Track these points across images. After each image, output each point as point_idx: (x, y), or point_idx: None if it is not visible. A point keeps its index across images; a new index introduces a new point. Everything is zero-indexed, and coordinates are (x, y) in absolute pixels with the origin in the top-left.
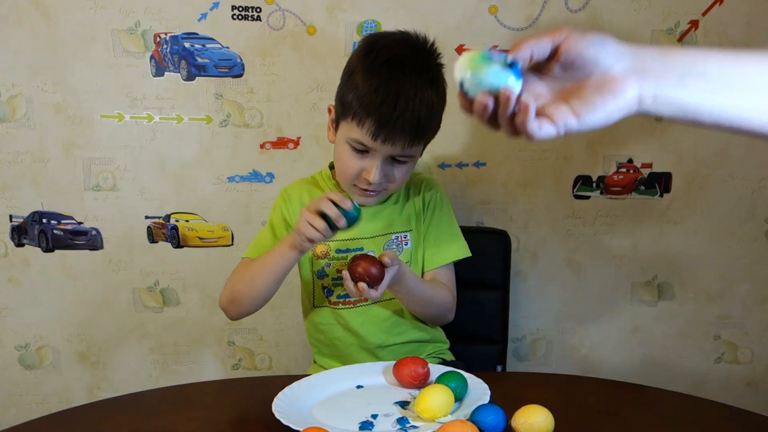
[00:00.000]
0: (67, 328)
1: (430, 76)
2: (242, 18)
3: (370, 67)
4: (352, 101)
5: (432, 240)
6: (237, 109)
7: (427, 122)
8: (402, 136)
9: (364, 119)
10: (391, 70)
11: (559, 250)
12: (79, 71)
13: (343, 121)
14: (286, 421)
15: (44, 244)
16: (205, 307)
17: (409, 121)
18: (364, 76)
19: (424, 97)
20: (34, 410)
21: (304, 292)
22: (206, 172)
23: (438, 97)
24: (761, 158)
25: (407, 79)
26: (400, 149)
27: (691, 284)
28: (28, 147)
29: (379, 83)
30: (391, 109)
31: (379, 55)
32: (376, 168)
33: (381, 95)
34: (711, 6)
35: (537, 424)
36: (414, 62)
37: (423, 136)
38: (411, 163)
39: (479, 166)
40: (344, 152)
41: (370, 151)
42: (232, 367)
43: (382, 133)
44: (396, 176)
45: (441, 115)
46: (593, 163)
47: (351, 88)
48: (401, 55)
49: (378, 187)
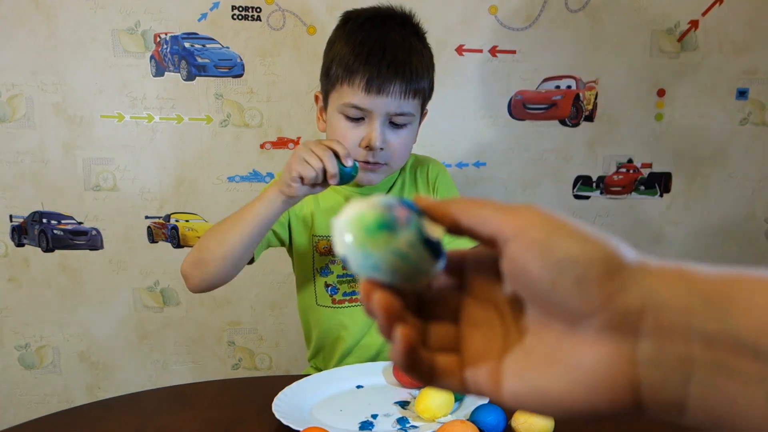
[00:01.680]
0: (67, 328)
1: (415, 30)
2: (242, 18)
3: (350, 30)
4: (339, 62)
5: None
6: (237, 109)
7: (419, 71)
8: (397, 83)
9: (353, 76)
10: (373, 25)
11: None
12: (79, 71)
13: (332, 92)
14: (286, 421)
15: (44, 244)
16: (205, 307)
17: (401, 66)
18: (346, 39)
19: (411, 46)
20: (34, 410)
21: (303, 291)
22: (206, 172)
23: (426, 50)
24: (761, 158)
25: (392, 30)
26: (397, 102)
27: None
28: (28, 147)
29: (363, 38)
30: (379, 56)
31: (358, 18)
32: (375, 130)
33: (367, 47)
34: (711, 6)
35: (537, 424)
36: (395, 17)
37: (418, 86)
38: (410, 128)
39: (479, 166)
40: (339, 124)
41: (365, 116)
42: (232, 367)
43: (375, 84)
44: (396, 144)
45: (431, 74)
46: (593, 163)
47: (334, 58)
48: (381, 12)
49: (381, 158)
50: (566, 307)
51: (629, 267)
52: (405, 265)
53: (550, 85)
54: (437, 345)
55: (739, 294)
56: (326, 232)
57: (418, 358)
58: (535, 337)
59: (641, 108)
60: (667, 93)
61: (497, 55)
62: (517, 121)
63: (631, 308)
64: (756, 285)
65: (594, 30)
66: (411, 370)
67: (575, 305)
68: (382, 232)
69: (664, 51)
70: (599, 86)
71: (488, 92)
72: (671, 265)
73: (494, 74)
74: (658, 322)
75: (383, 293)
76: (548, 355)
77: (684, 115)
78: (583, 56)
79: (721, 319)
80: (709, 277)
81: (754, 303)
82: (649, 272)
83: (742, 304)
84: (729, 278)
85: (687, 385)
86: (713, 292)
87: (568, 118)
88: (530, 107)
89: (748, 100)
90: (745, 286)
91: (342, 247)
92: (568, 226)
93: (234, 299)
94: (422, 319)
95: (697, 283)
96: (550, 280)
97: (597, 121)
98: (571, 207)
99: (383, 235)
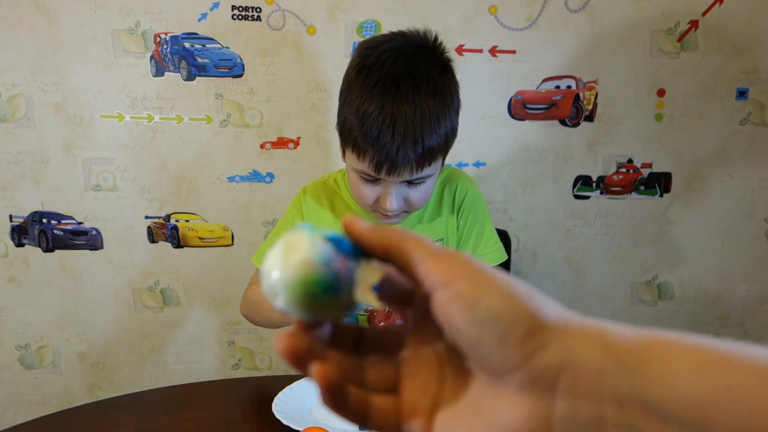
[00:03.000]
0: (67, 328)
1: (432, 87)
2: (242, 18)
3: (362, 88)
4: (350, 130)
5: (466, 246)
6: (237, 109)
7: (434, 138)
8: (407, 164)
9: (364, 152)
10: (385, 91)
11: (558, 250)
12: (79, 71)
13: (347, 149)
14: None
15: (44, 244)
16: (205, 307)
17: (411, 147)
18: (358, 99)
19: (425, 114)
20: (34, 410)
21: None
22: (206, 172)
23: (444, 106)
24: (761, 158)
25: (403, 98)
26: (408, 176)
27: (691, 284)
28: (28, 147)
29: (374, 109)
30: (389, 138)
31: (372, 73)
32: (390, 196)
33: (377, 123)
34: (711, 6)
35: None
36: (409, 76)
37: (432, 155)
38: (430, 181)
39: (479, 166)
40: (356, 181)
41: (380, 179)
42: (232, 367)
43: (385, 165)
44: (415, 198)
45: (454, 120)
46: (593, 163)
47: (347, 112)
48: (394, 71)
49: (399, 211)
50: (489, 362)
51: (551, 326)
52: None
53: (550, 85)
54: (375, 384)
55: (652, 358)
56: None
57: (345, 397)
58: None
59: (641, 108)
60: (667, 93)
61: (497, 55)
62: (517, 121)
63: (550, 367)
64: (669, 349)
65: (594, 30)
66: (339, 410)
67: (497, 361)
68: (327, 295)
69: (664, 51)
70: (599, 86)
71: (488, 92)
72: (591, 325)
73: (494, 74)
74: (574, 382)
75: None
76: (474, 409)
77: (684, 115)
78: (583, 56)
79: (633, 383)
80: (626, 338)
81: (666, 369)
82: (569, 332)
83: (655, 368)
84: (644, 341)
85: None
86: (628, 354)
87: (568, 118)
88: (530, 107)
89: (748, 100)
90: (658, 350)
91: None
92: (496, 282)
93: (234, 299)
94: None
95: (613, 344)
96: (474, 334)
97: (597, 121)
98: (571, 207)
99: (328, 298)
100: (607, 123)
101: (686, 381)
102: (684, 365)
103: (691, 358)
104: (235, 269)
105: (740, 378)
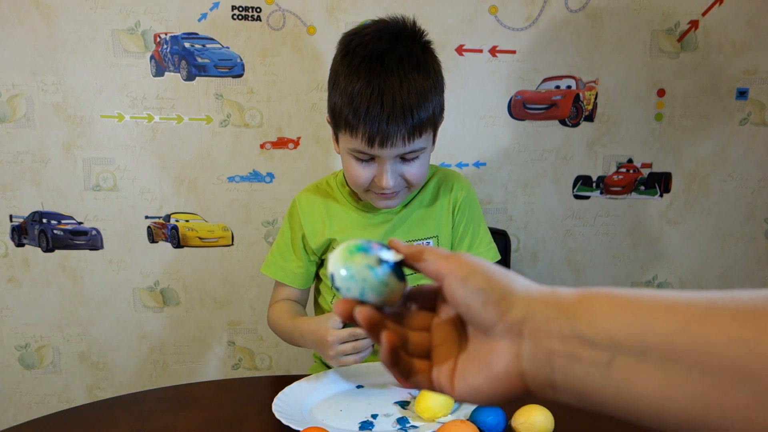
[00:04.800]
0: (67, 328)
1: (414, 61)
2: (242, 18)
3: (348, 69)
4: (340, 111)
5: (461, 245)
6: (237, 109)
7: (422, 110)
8: (398, 134)
9: (356, 128)
10: (371, 68)
11: (559, 250)
12: (79, 71)
13: (339, 132)
14: (286, 421)
15: (44, 244)
16: (205, 307)
17: (401, 116)
18: (346, 80)
19: (411, 85)
20: (34, 410)
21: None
22: (206, 172)
23: (429, 80)
24: (761, 158)
25: (389, 73)
26: (402, 147)
27: (691, 284)
28: (28, 147)
29: (361, 86)
30: (379, 110)
31: (356, 55)
32: (386, 173)
33: (365, 98)
34: (711, 6)
35: (537, 424)
36: (393, 52)
37: (422, 126)
38: (424, 156)
39: (479, 166)
40: (350, 163)
41: (374, 157)
42: (232, 367)
43: (377, 138)
44: (411, 174)
45: (440, 97)
46: (593, 163)
47: (336, 96)
48: (378, 49)
49: (397, 187)
50: (478, 322)
51: (517, 293)
52: (375, 279)
53: (550, 85)
54: (415, 352)
55: (584, 307)
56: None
57: (400, 359)
58: (469, 344)
59: (641, 108)
60: (667, 93)
61: (497, 55)
62: (517, 121)
63: (517, 320)
64: (595, 299)
65: (594, 30)
66: (394, 367)
67: (483, 319)
68: (359, 252)
69: (664, 51)
70: (599, 86)
71: (488, 92)
72: (546, 290)
73: (494, 74)
74: (533, 329)
75: (363, 307)
76: (476, 356)
77: (684, 115)
78: (583, 56)
79: (572, 324)
80: (568, 295)
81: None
82: (530, 296)
83: (585, 313)
84: (580, 295)
85: (553, 371)
86: (568, 306)
87: (568, 118)
88: (530, 107)
89: (748, 100)
90: (588, 300)
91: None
92: (480, 267)
93: (234, 299)
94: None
95: (559, 300)
96: (467, 303)
97: (597, 121)
98: (571, 207)
99: (359, 254)
100: (607, 123)
101: (604, 319)
102: (604, 309)
103: (609, 303)
104: (235, 269)
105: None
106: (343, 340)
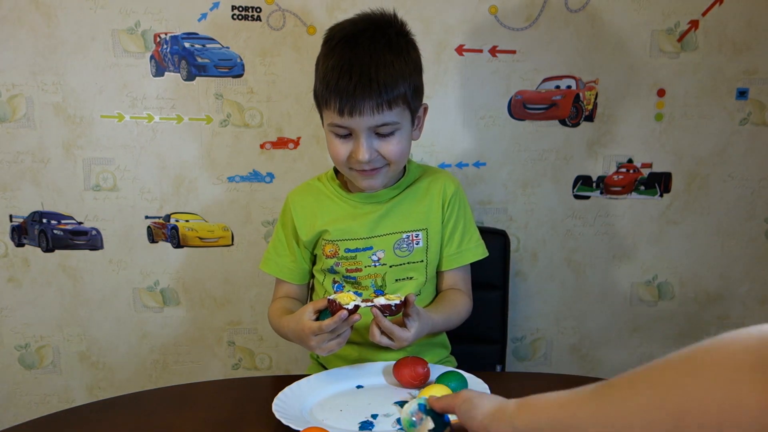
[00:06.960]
0: (67, 328)
1: (386, 41)
2: (242, 18)
3: (325, 52)
4: (319, 90)
5: (452, 240)
6: (237, 109)
7: (390, 83)
8: (366, 102)
9: (329, 100)
10: (345, 47)
11: (559, 250)
12: (79, 71)
13: (321, 111)
14: (286, 421)
15: (44, 244)
16: (205, 307)
17: (368, 86)
18: (322, 62)
19: (380, 60)
20: (34, 410)
21: (312, 289)
22: (206, 172)
23: (399, 59)
24: (761, 158)
25: (361, 49)
26: (373, 118)
27: (691, 284)
28: (28, 147)
29: (334, 62)
30: (347, 80)
31: (333, 39)
32: (361, 146)
33: (336, 71)
34: (711, 6)
35: None
36: (367, 33)
37: (391, 99)
38: (399, 134)
39: (479, 166)
40: (330, 140)
41: (351, 132)
42: (232, 367)
43: (347, 106)
44: (387, 150)
45: (414, 78)
46: (593, 163)
47: (317, 80)
48: (355, 31)
49: (377, 163)
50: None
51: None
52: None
53: (550, 85)
54: None
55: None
56: (331, 237)
57: None
58: None
59: (641, 108)
60: (667, 93)
61: (497, 55)
62: (517, 121)
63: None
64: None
65: (594, 30)
66: None
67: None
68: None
69: (664, 51)
70: (599, 86)
71: (488, 92)
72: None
73: (494, 74)
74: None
75: None
76: None
77: (684, 115)
78: (583, 56)
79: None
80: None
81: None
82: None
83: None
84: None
85: None
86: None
87: (568, 118)
88: (530, 107)
89: (748, 100)
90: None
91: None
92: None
93: (234, 299)
94: None
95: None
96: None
97: (597, 121)
98: (571, 207)
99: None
100: (607, 123)
101: (522, 418)
102: (523, 412)
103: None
104: (235, 269)
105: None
106: (318, 331)
